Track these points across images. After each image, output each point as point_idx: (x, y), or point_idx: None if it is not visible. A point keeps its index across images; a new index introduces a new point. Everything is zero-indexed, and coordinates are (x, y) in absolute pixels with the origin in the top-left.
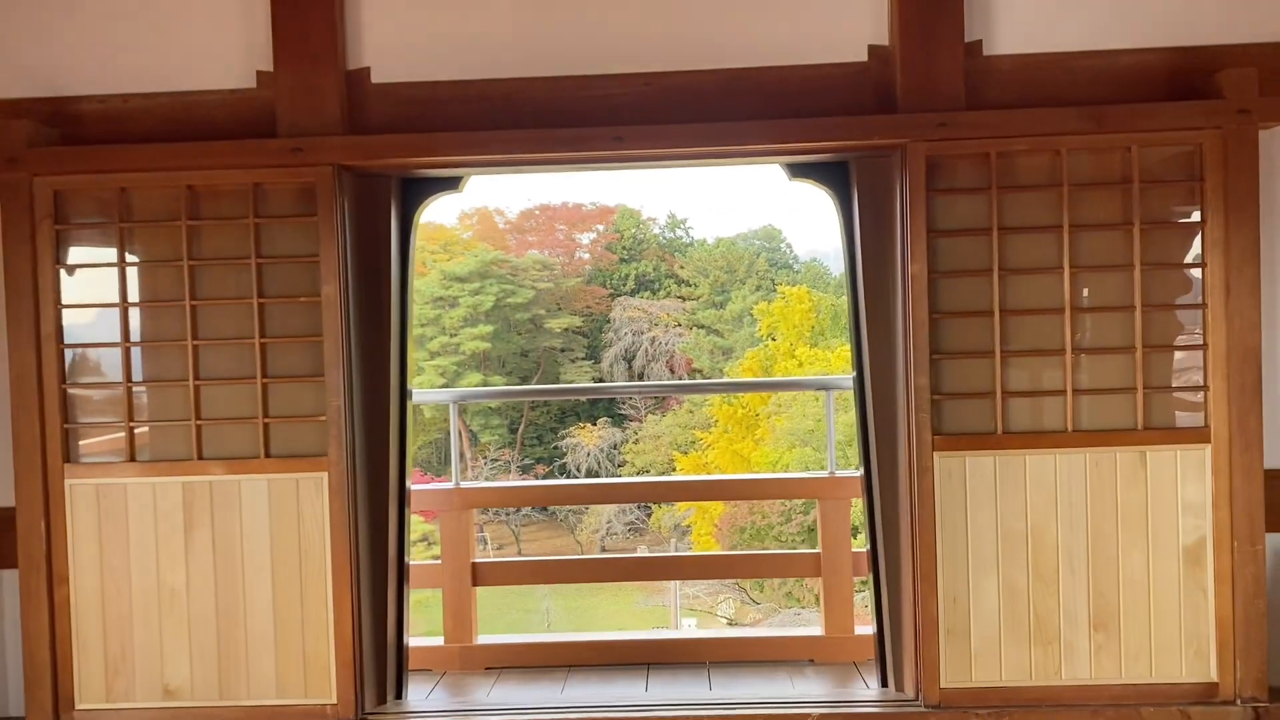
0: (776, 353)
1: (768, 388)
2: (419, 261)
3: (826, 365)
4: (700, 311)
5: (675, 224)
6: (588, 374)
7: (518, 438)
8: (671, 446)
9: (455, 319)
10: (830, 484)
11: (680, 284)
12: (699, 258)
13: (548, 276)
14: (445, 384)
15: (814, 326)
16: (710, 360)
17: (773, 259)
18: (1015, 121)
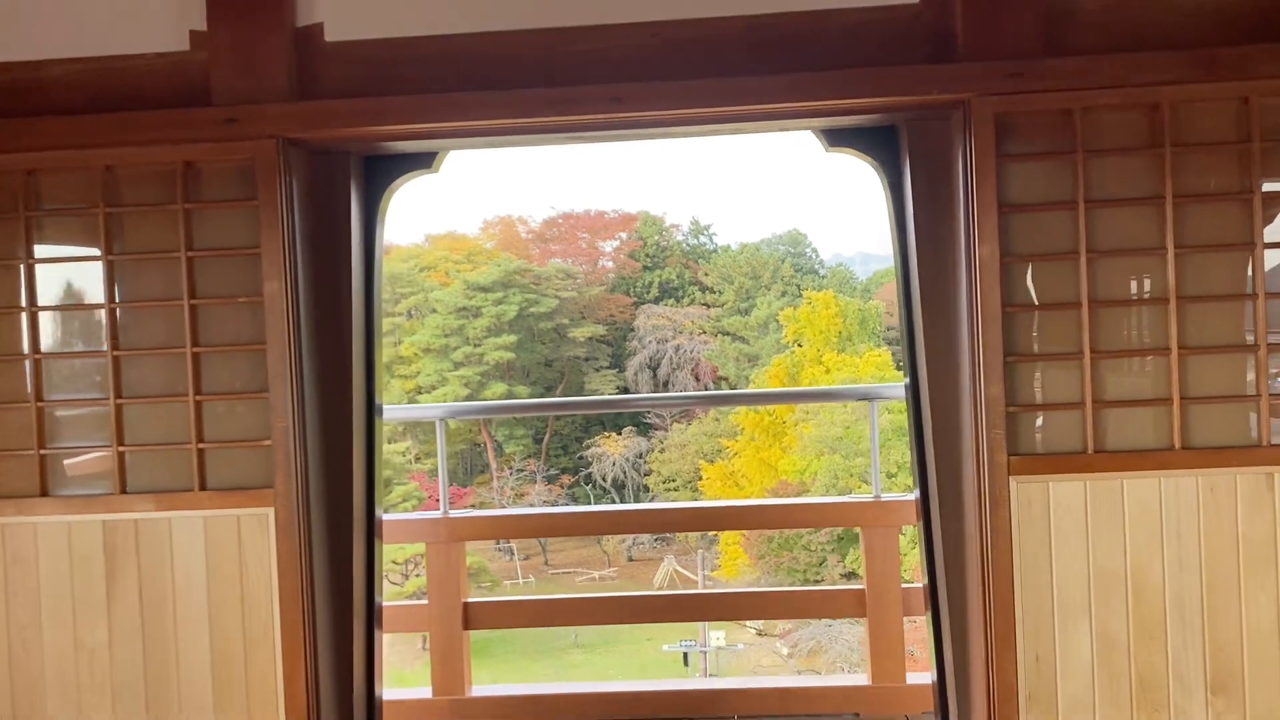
0: (803, 359)
1: (804, 399)
2: (441, 272)
3: (855, 371)
4: (725, 318)
5: (699, 230)
6: (612, 383)
7: (543, 448)
8: (698, 455)
9: (479, 329)
10: (876, 509)
11: (704, 290)
12: (723, 264)
13: (571, 285)
14: (470, 395)
15: (841, 332)
16: (736, 368)
17: (798, 264)
18: (1104, 69)
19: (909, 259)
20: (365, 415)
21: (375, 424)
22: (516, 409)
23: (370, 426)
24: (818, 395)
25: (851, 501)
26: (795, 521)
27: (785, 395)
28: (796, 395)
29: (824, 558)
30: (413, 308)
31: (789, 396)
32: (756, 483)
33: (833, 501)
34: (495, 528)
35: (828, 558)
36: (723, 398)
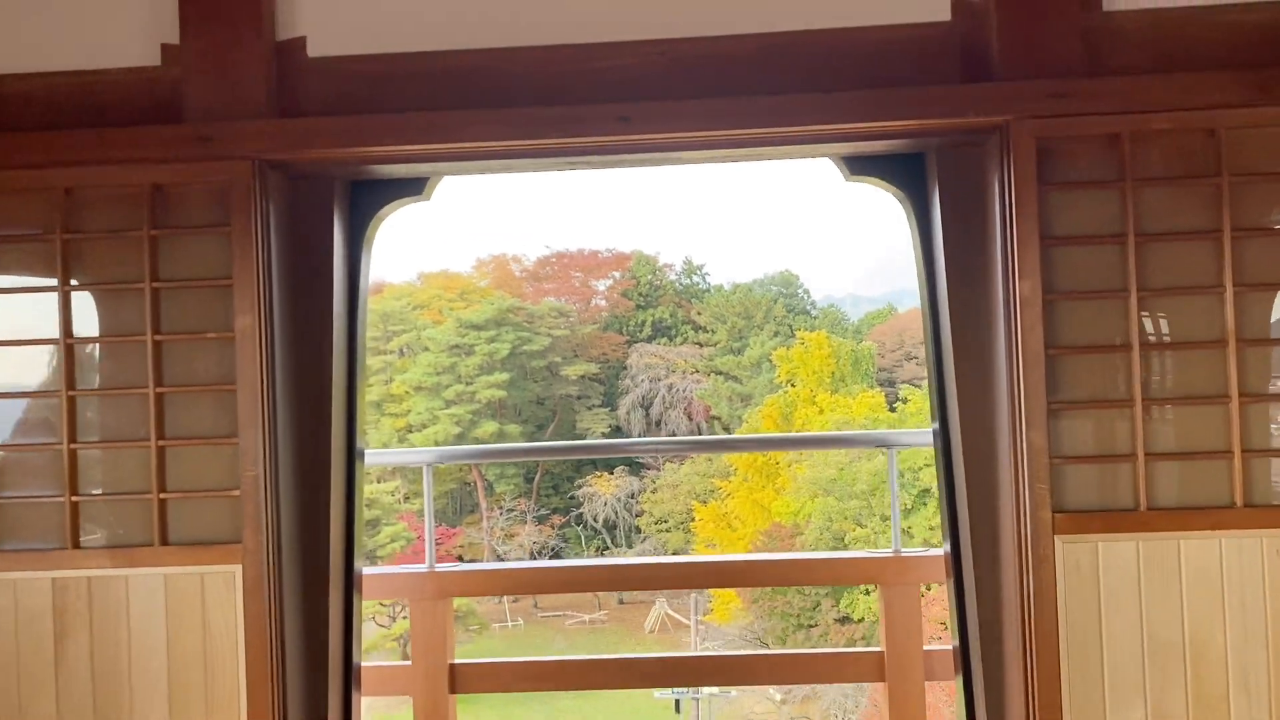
0: (796, 399)
1: (816, 445)
2: (434, 309)
3: (849, 412)
4: (718, 358)
5: (692, 269)
6: (604, 421)
7: (534, 487)
8: (690, 496)
9: (471, 367)
10: (895, 565)
11: (697, 330)
12: (716, 303)
13: (564, 323)
14: (461, 433)
15: (834, 372)
16: (729, 407)
17: (790, 304)
18: (1154, 91)
19: (938, 296)
20: (345, 461)
21: (356, 470)
22: (506, 454)
23: (350, 472)
24: (831, 441)
25: (869, 557)
26: (808, 577)
27: (795, 441)
28: (807, 441)
29: (818, 602)
30: (405, 345)
31: (799, 442)
32: (750, 524)
33: (848, 557)
34: (485, 583)
35: (821, 602)
36: (727, 443)
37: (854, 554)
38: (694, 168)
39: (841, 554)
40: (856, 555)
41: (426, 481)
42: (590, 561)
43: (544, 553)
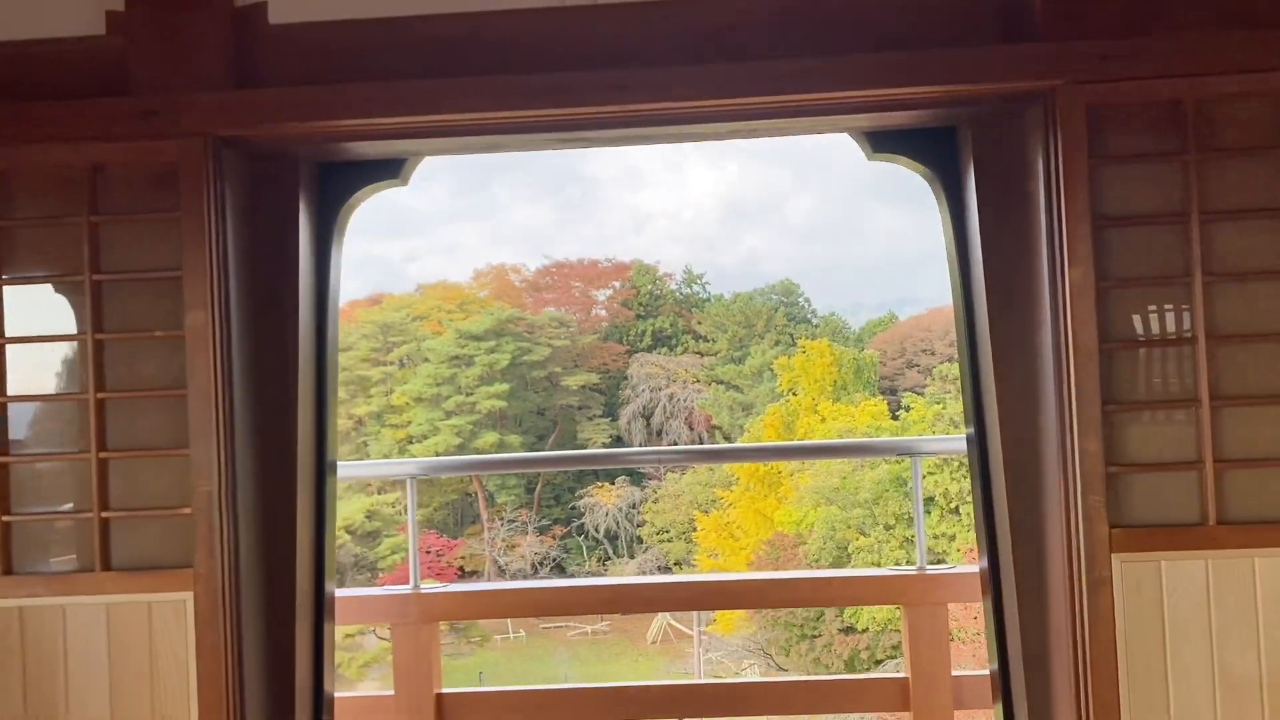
0: (798, 408)
1: (837, 453)
2: (434, 321)
3: (851, 421)
4: (719, 367)
5: (692, 279)
6: (605, 432)
7: (535, 498)
8: (692, 505)
9: (471, 378)
10: (920, 585)
11: (698, 339)
12: (716, 313)
13: (564, 334)
14: (461, 444)
15: (836, 381)
16: (730, 416)
17: (791, 313)
18: (1220, 50)
19: (972, 286)
20: (314, 474)
21: (327, 484)
22: (491, 465)
23: (320, 487)
24: (851, 450)
25: (892, 575)
26: (824, 598)
27: (812, 450)
28: (825, 450)
29: (820, 612)
30: (404, 356)
31: (816, 451)
32: (752, 534)
33: (868, 575)
34: (474, 605)
35: (825, 612)
36: (740, 452)
37: (874, 572)
38: (696, 168)
39: (860, 572)
40: (877, 574)
41: (410, 496)
42: (590, 581)
43: (545, 564)
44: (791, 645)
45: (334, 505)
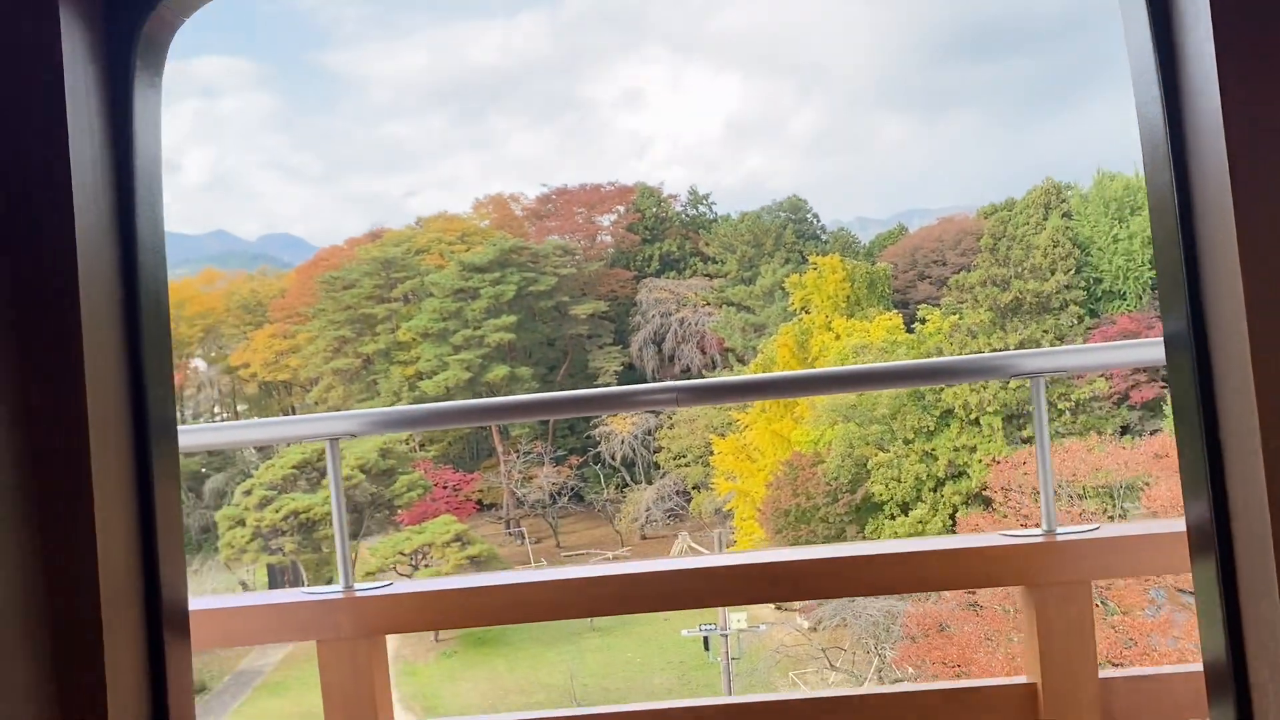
0: (811, 326)
1: (937, 377)
2: (436, 254)
3: (865, 337)
4: (729, 288)
5: (697, 200)
6: (616, 360)
7: (549, 428)
8: (708, 430)
9: (477, 311)
10: (1049, 555)
11: (706, 261)
12: (724, 233)
13: (570, 262)
14: (472, 378)
15: (849, 296)
16: (743, 338)
17: (800, 230)
18: None
19: (1183, 121)
20: (133, 443)
21: (157, 456)
22: (451, 415)
23: (146, 461)
24: (942, 373)
25: (1009, 544)
26: (918, 579)
27: (911, 372)
28: (922, 372)
29: (842, 529)
30: (409, 292)
31: (916, 374)
32: (770, 455)
33: (975, 545)
34: (432, 609)
35: (846, 529)
36: (803, 382)
37: (983, 540)
38: (696, 85)
39: (964, 541)
40: (989, 542)
41: (332, 463)
42: (592, 571)
43: (563, 493)
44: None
45: (179, 485)
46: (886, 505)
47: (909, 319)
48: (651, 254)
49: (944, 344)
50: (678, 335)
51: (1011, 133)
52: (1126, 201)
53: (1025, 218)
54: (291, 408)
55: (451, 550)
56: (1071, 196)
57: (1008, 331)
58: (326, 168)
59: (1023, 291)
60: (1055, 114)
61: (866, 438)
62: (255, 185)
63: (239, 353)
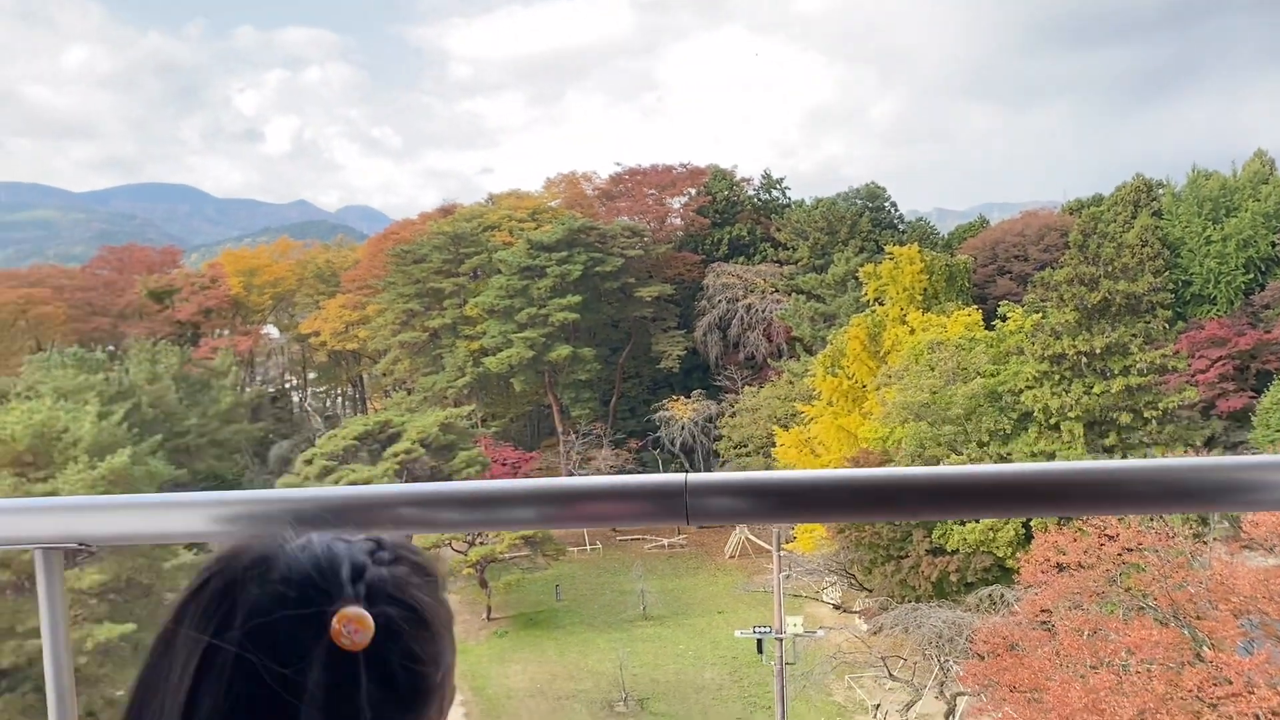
0: (885, 319)
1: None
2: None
3: (941, 332)
4: (799, 276)
5: (771, 184)
6: (680, 344)
7: (610, 410)
8: (771, 420)
9: (543, 289)
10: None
11: (777, 247)
12: (797, 219)
13: (637, 243)
14: (535, 356)
15: (926, 289)
16: (811, 328)
17: (876, 219)
18: None
19: None
20: None
21: None
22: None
23: None
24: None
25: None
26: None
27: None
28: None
29: (908, 532)
30: (477, 268)
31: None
32: (834, 450)
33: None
34: None
35: (912, 532)
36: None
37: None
38: (776, 70)
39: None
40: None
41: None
42: None
43: None
44: (876, 566)
45: None
46: None
47: (988, 315)
48: (721, 238)
49: (1024, 343)
50: (744, 322)
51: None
52: (1222, 202)
53: (1114, 214)
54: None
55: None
56: (1163, 195)
57: (1094, 334)
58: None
59: (1112, 291)
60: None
61: (939, 438)
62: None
63: (310, 321)
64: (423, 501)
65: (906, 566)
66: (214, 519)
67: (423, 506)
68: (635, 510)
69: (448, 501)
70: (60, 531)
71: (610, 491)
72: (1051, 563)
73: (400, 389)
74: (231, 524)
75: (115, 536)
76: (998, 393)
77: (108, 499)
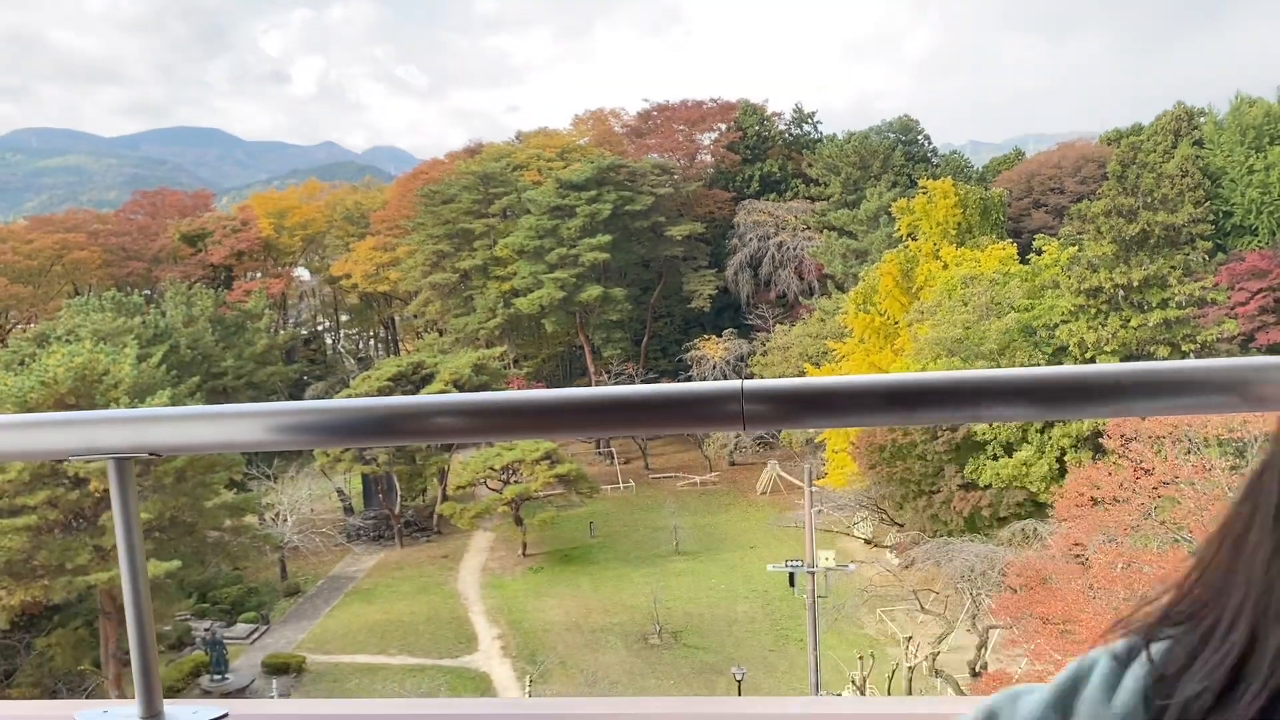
0: (918, 254)
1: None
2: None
3: (975, 266)
4: (831, 212)
5: (802, 118)
6: (711, 283)
7: (641, 349)
8: (802, 358)
9: (573, 229)
10: None
11: (809, 184)
12: (829, 154)
13: (667, 181)
14: (566, 297)
15: (960, 223)
16: (844, 264)
17: (910, 152)
18: None
19: None
20: None
21: None
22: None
23: None
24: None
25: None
26: None
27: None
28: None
29: (940, 467)
30: (506, 208)
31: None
32: None
33: None
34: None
35: (944, 467)
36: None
37: None
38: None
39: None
40: None
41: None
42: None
43: None
44: (907, 501)
45: None
46: (989, 445)
47: (1023, 249)
48: (751, 174)
49: (1060, 277)
50: (775, 259)
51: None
52: (1266, 130)
53: (1154, 144)
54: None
55: (541, 468)
56: (1204, 123)
57: (1131, 266)
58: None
59: (1151, 223)
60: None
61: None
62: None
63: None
64: (469, 411)
65: (938, 501)
66: (272, 428)
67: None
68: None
69: (495, 411)
70: (132, 441)
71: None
72: (1085, 497)
73: (432, 330)
74: (288, 433)
75: (183, 446)
76: (1032, 327)
77: (174, 410)
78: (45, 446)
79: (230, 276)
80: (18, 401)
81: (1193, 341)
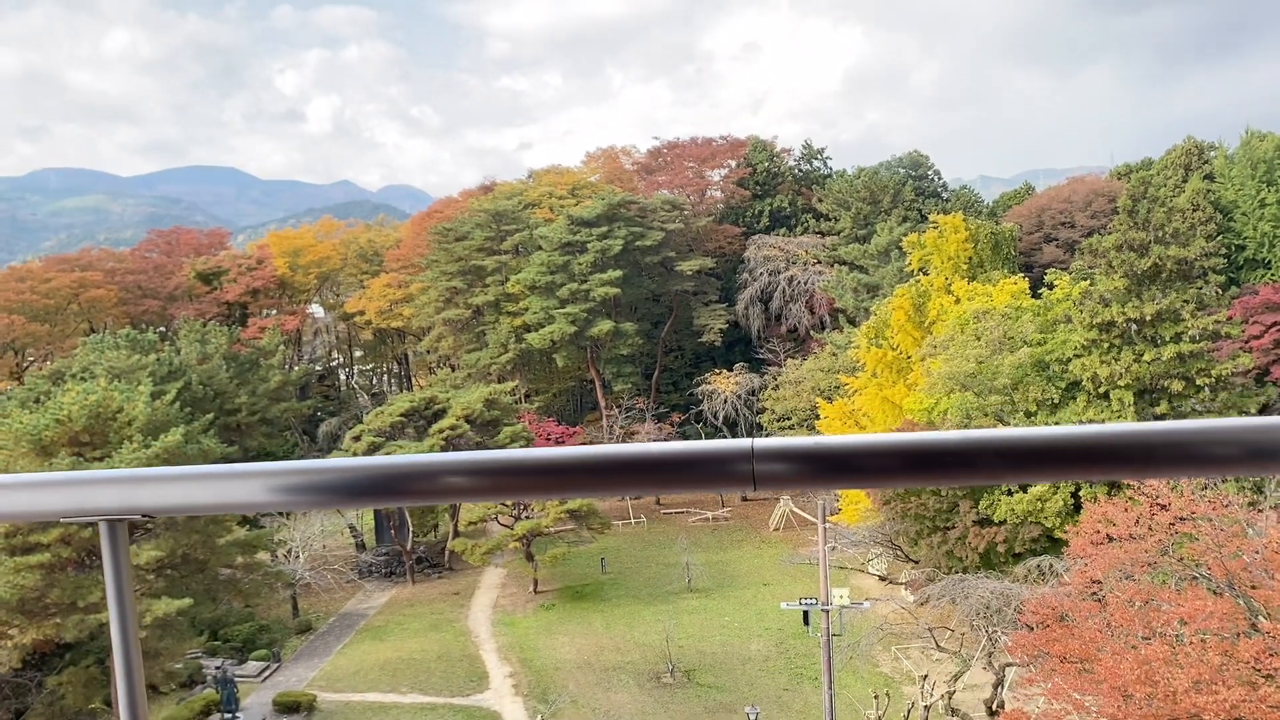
0: (929, 288)
1: None
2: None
3: (987, 301)
4: (841, 247)
5: (811, 154)
6: (722, 318)
7: (652, 384)
8: (814, 393)
9: (584, 265)
10: None
11: (819, 218)
12: (839, 189)
13: (678, 217)
14: (577, 332)
15: (971, 257)
16: (855, 299)
17: (920, 187)
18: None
19: None
20: None
21: None
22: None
23: None
24: None
25: None
26: None
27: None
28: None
29: (954, 503)
30: (519, 244)
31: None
32: (879, 422)
33: None
34: None
35: (959, 503)
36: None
37: None
38: (815, 38)
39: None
40: None
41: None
42: None
43: None
44: (922, 537)
45: None
46: None
47: (1034, 284)
48: (762, 210)
49: (1072, 311)
50: (786, 294)
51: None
52: (1277, 163)
53: (1164, 179)
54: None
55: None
56: (1215, 157)
57: (1144, 300)
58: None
59: (1162, 257)
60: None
61: (985, 408)
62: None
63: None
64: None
65: (953, 537)
66: (272, 489)
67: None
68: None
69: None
70: (124, 503)
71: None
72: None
73: (444, 366)
74: (288, 494)
75: (178, 507)
76: (1045, 362)
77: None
78: (35, 508)
79: (245, 314)
80: (33, 439)
81: (1207, 375)
